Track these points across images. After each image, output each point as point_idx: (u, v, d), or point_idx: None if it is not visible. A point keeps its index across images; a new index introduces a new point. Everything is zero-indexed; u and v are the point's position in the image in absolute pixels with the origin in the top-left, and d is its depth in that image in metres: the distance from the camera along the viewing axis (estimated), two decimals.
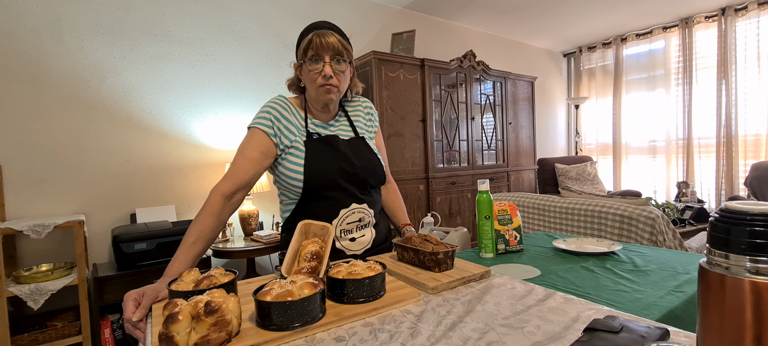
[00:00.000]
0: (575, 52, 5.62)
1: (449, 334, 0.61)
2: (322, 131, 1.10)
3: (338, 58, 1.03)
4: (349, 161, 1.06)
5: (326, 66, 1.00)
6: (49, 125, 2.23)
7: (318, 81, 1.02)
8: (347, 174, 1.05)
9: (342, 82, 1.05)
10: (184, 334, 0.56)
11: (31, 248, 2.17)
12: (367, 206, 1.09)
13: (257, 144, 1.02)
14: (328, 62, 1.01)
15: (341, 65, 1.03)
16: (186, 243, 0.90)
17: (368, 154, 1.11)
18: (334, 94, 1.04)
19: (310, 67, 1.02)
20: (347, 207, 1.06)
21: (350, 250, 1.07)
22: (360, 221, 1.08)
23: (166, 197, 2.59)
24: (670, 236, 1.86)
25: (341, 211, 1.05)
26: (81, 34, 2.32)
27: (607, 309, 0.67)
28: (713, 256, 0.40)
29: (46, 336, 1.94)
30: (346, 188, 1.05)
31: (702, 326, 0.42)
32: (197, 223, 0.93)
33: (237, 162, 1.01)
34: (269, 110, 1.05)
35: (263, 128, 1.03)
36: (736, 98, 4.12)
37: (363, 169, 1.08)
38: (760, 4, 3.92)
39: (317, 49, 1.00)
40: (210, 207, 0.95)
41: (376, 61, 3.14)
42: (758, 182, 3.43)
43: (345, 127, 1.15)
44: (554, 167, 4.48)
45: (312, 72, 1.02)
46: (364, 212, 1.08)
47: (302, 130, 1.07)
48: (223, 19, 2.82)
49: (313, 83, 1.03)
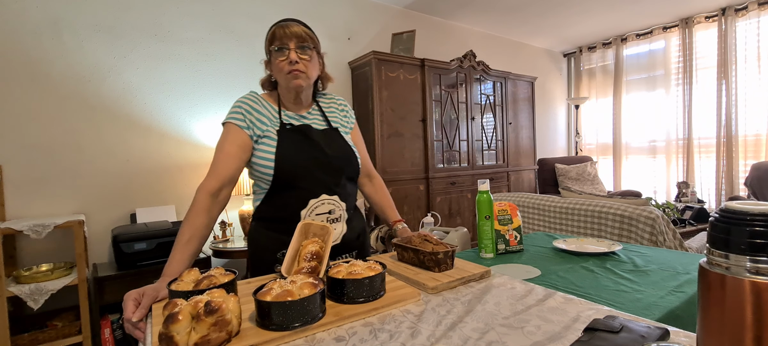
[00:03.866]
0: (575, 52, 5.62)
1: (449, 334, 0.61)
2: (294, 122, 1.10)
3: (303, 46, 1.05)
4: (321, 151, 1.06)
5: (291, 52, 1.03)
6: (49, 125, 2.23)
7: (285, 69, 1.04)
8: (320, 163, 1.05)
9: (309, 68, 1.07)
10: (184, 334, 0.56)
11: (31, 248, 2.16)
12: (338, 199, 1.08)
13: (233, 139, 1.03)
14: (293, 49, 1.03)
15: (306, 52, 1.05)
16: (180, 242, 0.90)
17: (342, 145, 1.12)
18: (302, 80, 1.05)
19: (276, 57, 1.04)
20: (317, 197, 1.05)
21: None
22: (330, 213, 1.07)
23: (166, 197, 2.59)
24: (670, 236, 1.86)
25: (310, 201, 1.05)
26: (81, 34, 2.32)
27: (607, 309, 0.67)
28: (713, 256, 0.40)
29: (46, 336, 1.94)
30: (319, 177, 1.05)
31: (702, 326, 0.42)
32: (188, 222, 0.93)
33: (217, 159, 1.02)
34: (240, 105, 1.07)
35: (236, 122, 1.04)
36: (736, 98, 4.12)
37: (337, 158, 1.08)
38: (760, 4, 3.92)
39: (281, 39, 1.03)
40: (199, 205, 0.95)
41: (376, 61, 3.14)
42: (758, 182, 3.43)
43: (319, 120, 1.15)
44: (554, 167, 4.48)
45: (279, 61, 1.04)
46: (334, 203, 1.08)
47: (275, 121, 1.08)
48: (223, 19, 2.82)
49: (281, 73, 1.05)
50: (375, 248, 2.70)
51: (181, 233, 0.91)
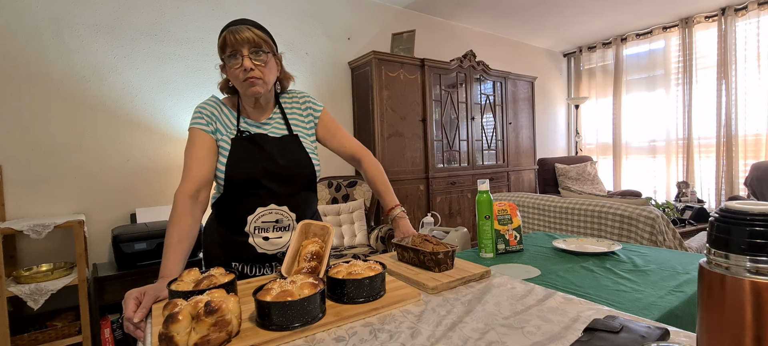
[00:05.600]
0: (575, 52, 5.62)
1: (449, 334, 0.61)
2: (252, 129, 1.09)
3: (256, 50, 1.02)
4: (273, 161, 1.05)
5: (245, 59, 1.00)
6: (49, 125, 2.23)
7: (240, 76, 1.02)
8: (270, 173, 1.04)
9: (266, 73, 1.04)
10: (184, 334, 0.56)
11: (31, 248, 2.16)
12: (287, 209, 1.07)
13: (200, 143, 1.03)
14: (247, 55, 1.00)
15: (261, 56, 1.02)
16: (171, 243, 0.90)
17: (297, 154, 1.10)
18: (259, 87, 1.03)
19: (230, 64, 1.02)
20: (265, 206, 1.05)
21: (261, 248, 1.06)
22: (277, 222, 1.07)
23: (166, 197, 2.59)
24: (670, 236, 1.86)
25: (258, 209, 1.05)
26: (81, 34, 2.32)
27: (607, 309, 0.67)
28: (713, 256, 0.40)
29: (46, 336, 1.94)
30: (269, 187, 1.05)
31: (702, 326, 0.42)
32: (175, 224, 0.93)
33: (188, 164, 1.01)
34: (202, 110, 1.07)
35: (202, 127, 1.04)
36: (736, 98, 4.12)
37: (288, 168, 1.07)
38: (760, 4, 3.92)
39: (233, 45, 1.00)
40: (180, 208, 0.95)
41: (376, 61, 3.14)
42: (758, 182, 3.43)
43: (279, 125, 1.13)
44: (554, 167, 4.48)
45: (233, 69, 1.02)
46: (282, 213, 1.07)
47: (231, 129, 1.07)
48: (223, 19, 2.81)
49: (237, 80, 1.03)
50: (375, 248, 2.70)
51: (169, 235, 0.91)
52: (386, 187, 1.21)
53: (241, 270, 1.08)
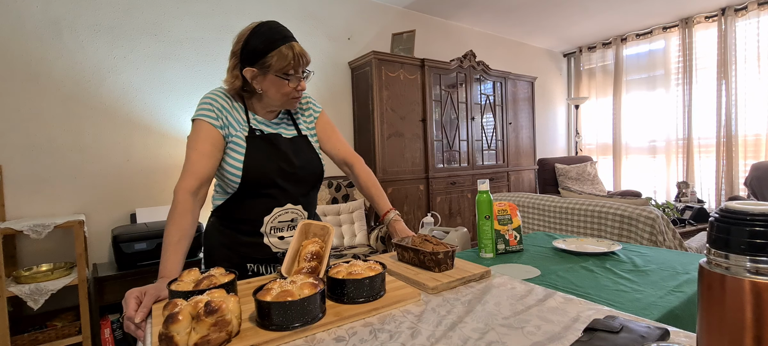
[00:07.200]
0: (575, 52, 5.62)
1: (449, 334, 0.61)
2: (264, 129, 1.07)
3: (306, 68, 1.02)
4: (288, 161, 1.05)
5: (303, 81, 1.00)
6: (49, 125, 2.23)
7: (291, 94, 1.01)
8: (286, 174, 1.04)
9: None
10: (184, 334, 0.56)
11: (31, 248, 2.16)
12: (301, 208, 1.09)
13: (206, 137, 0.98)
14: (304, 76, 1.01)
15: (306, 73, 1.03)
16: (171, 243, 0.88)
17: (309, 154, 1.11)
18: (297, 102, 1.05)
19: (283, 79, 0.98)
20: (282, 206, 1.05)
21: (276, 247, 1.06)
22: (292, 221, 1.08)
23: (166, 197, 2.59)
24: (669, 236, 1.86)
25: (275, 209, 1.04)
26: (81, 34, 2.32)
27: (607, 309, 0.67)
28: (713, 256, 0.40)
29: (46, 336, 1.94)
30: (284, 187, 1.04)
31: (702, 326, 0.42)
32: (175, 223, 0.91)
33: (191, 158, 0.97)
34: (212, 103, 1.01)
35: (209, 120, 0.99)
36: (736, 98, 4.12)
37: (302, 169, 1.07)
38: (760, 4, 3.92)
39: (294, 63, 0.97)
40: (181, 206, 0.92)
41: (376, 61, 3.14)
42: (758, 182, 3.43)
43: (288, 126, 1.13)
44: (554, 167, 4.48)
45: (286, 85, 0.99)
46: (298, 213, 1.08)
47: (244, 126, 1.04)
48: (223, 19, 2.82)
49: (278, 92, 1.00)
50: (375, 247, 2.70)
51: (168, 234, 0.89)
52: (379, 192, 1.20)
53: (257, 271, 1.07)
